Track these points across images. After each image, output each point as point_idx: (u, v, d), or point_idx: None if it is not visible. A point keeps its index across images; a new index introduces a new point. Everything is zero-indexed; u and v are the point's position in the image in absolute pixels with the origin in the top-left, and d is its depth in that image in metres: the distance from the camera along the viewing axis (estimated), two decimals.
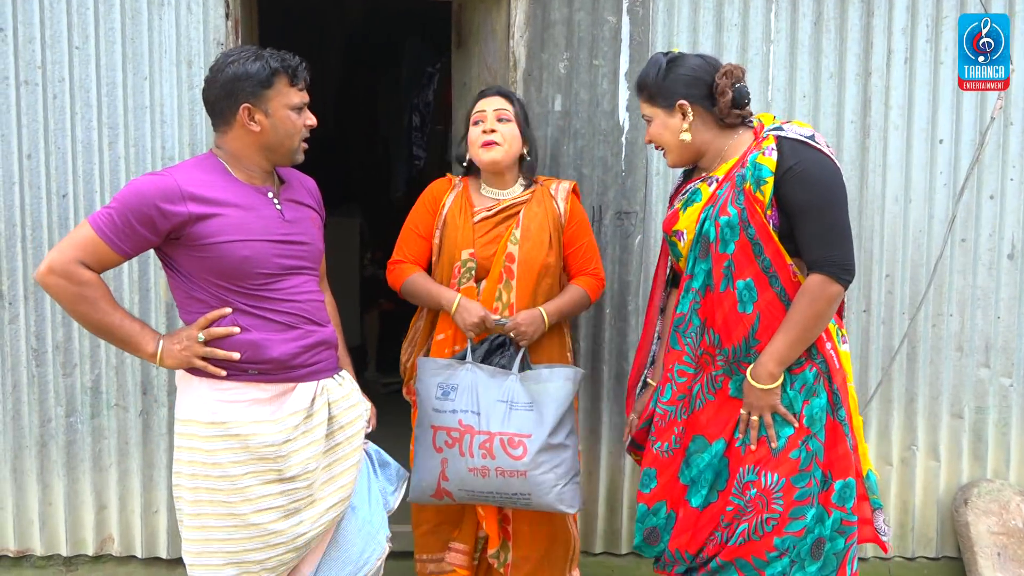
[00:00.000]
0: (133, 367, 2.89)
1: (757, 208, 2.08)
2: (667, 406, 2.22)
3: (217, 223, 1.97)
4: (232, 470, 2.00)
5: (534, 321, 2.47)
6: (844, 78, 3.01)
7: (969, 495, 3.06)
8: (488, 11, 3.08)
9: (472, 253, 2.49)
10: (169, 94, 2.83)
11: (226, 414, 2.01)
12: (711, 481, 2.19)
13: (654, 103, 2.22)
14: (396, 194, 5.40)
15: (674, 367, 2.21)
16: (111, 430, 2.92)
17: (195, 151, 2.83)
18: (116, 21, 2.80)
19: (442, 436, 2.34)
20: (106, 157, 2.83)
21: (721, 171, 2.20)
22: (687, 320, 2.19)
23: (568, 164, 2.97)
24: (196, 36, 2.82)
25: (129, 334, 2.01)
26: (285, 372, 2.05)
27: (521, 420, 2.33)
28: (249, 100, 2.00)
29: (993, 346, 3.11)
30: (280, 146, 2.06)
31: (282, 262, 2.05)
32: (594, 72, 2.95)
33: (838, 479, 2.14)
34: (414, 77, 5.09)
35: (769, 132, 2.14)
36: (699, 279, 2.18)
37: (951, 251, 3.08)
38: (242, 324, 2.01)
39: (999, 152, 3.06)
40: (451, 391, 2.36)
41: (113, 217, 1.95)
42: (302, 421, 2.06)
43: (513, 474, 2.31)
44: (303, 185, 2.23)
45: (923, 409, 3.12)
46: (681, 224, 2.23)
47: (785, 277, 2.11)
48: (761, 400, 2.12)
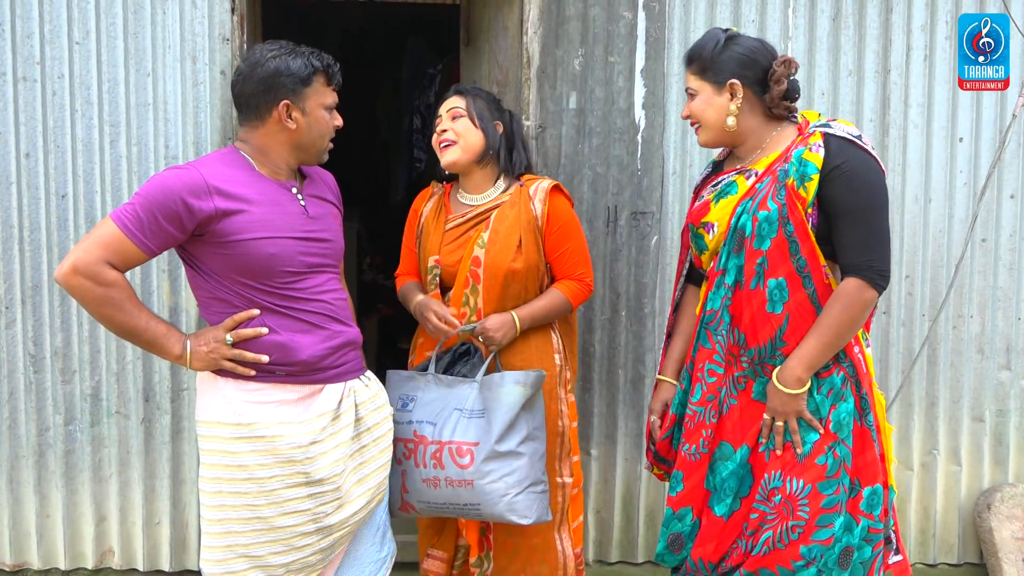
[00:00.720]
0: (135, 373, 2.80)
1: (798, 205, 2.01)
2: (697, 407, 2.14)
3: (243, 219, 1.91)
4: (259, 472, 1.95)
5: (503, 325, 2.35)
6: (863, 76, 2.96)
7: (992, 500, 3.01)
8: (499, 7, 3.01)
9: (437, 260, 2.43)
10: (173, 91, 2.74)
11: (252, 415, 1.95)
12: (735, 489, 2.12)
13: (703, 76, 2.12)
14: (396, 198, 5.31)
15: (704, 366, 2.14)
16: (112, 439, 2.82)
17: (199, 150, 2.75)
18: (118, 16, 2.71)
19: (400, 448, 2.26)
20: (107, 156, 2.74)
21: (761, 164, 2.11)
22: (718, 317, 2.12)
23: (583, 163, 2.91)
24: (201, 31, 2.74)
25: (155, 336, 1.95)
26: (313, 374, 2.00)
27: (470, 428, 2.25)
28: (289, 97, 1.96)
29: (1014, 348, 3.06)
30: (312, 145, 2.03)
31: (307, 259, 1.99)
32: (609, 69, 2.89)
33: (866, 486, 2.07)
34: (415, 78, 5.02)
35: (816, 128, 2.06)
36: (731, 275, 2.10)
37: (971, 251, 3.03)
38: (270, 324, 1.96)
39: (1019, 151, 3.02)
40: (409, 402, 2.30)
41: (138, 213, 1.88)
42: (330, 423, 2.00)
43: (461, 483, 2.22)
44: (324, 180, 2.17)
45: (944, 413, 3.07)
46: (712, 216, 2.15)
47: (818, 279, 2.04)
48: (787, 405, 2.05)
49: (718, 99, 2.11)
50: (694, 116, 2.17)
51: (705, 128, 2.16)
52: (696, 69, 2.14)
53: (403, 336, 5.12)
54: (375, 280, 5.51)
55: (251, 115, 1.99)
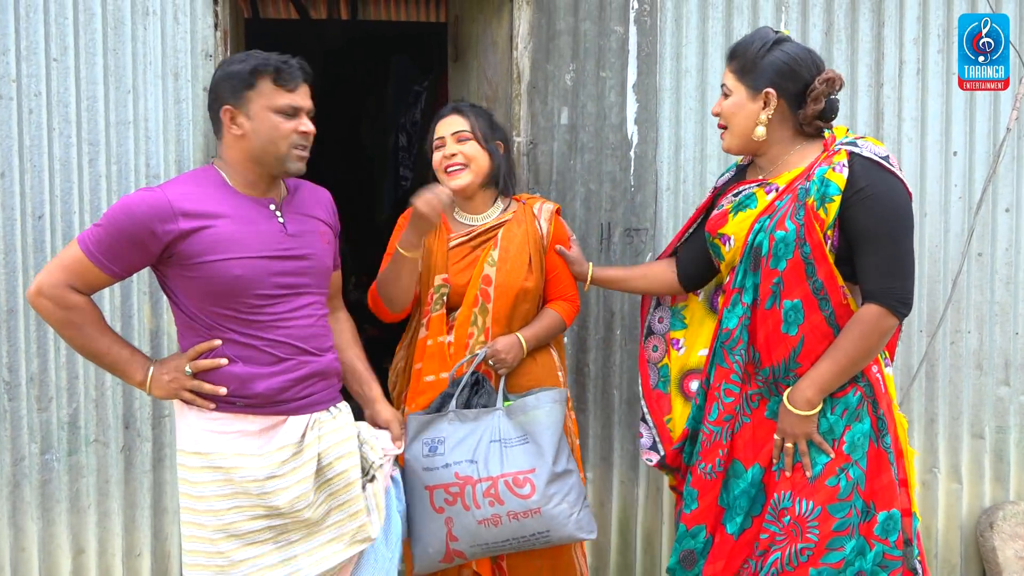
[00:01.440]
0: (114, 400, 2.70)
1: (816, 226, 1.94)
2: (714, 426, 2.09)
3: (207, 238, 1.85)
4: (216, 504, 1.89)
5: (512, 347, 2.32)
6: (856, 89, 2.94)
7: (994, 519, 2.96)
8: (488, 22, 2.96)
9: (445, 278, 2.35)
10: (154, 108, 2.66)
11: (211, 445, 1.90)
12: (746, 508, 2.07)
13: (741, 77, 2.04)
14: (381, 216, 5.24)
15: (721, 385, 2.08)
16: (90, 468, 2.72)
17: (181, 168, 2.67)
18: (97, 32, 2.64)
19: (440, 495, 2.15)
20: (86, 176, 2.66)
21: (782, 180, 2.04)
22: (735, 336, 2.06)
23: (575, 179, 2.85)
24: (183, 47, 2.67)
25: (117, 360, 1.93)
26: (273, 406, 1.92)
27: (519, 456, 2.18)
28: (230, 101, 1.89)
29: (1012, 363, 3.03)
30: (264, 153, 1.91)
31: (281, 280, 1.91)
32: (601, 84, 2.84)
33: (881, 510, 2.01)
34: (400, 96, 4.97)
35: (841, 146, 1.98)
36: (749, 294, 2.04)
37: (968, 266, 2.99)
38: (229, 355, 1.90)
39: (1014, 164, 3.00)
40: (438, 445, 2.19)
41: (101, 237, 1.85)
42: (291, 456, 1.92)
43: (527, 514, 2.15)
44: (314, 197, 2.08)
45: (944, 430, 3.02)
46: (729, 229, 2.09)
47: (836, 301, 1.98)
48: (796, 427, 2.00)
49: (751, 105, 2.04)
50: (724, 117, 2.09)
51: (732, 133, 2.08)
52: (735, 67, 2.06)
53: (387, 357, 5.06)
54: (360, 300, 5.43)
55: (215, 128, 1.96)
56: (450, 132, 2.37)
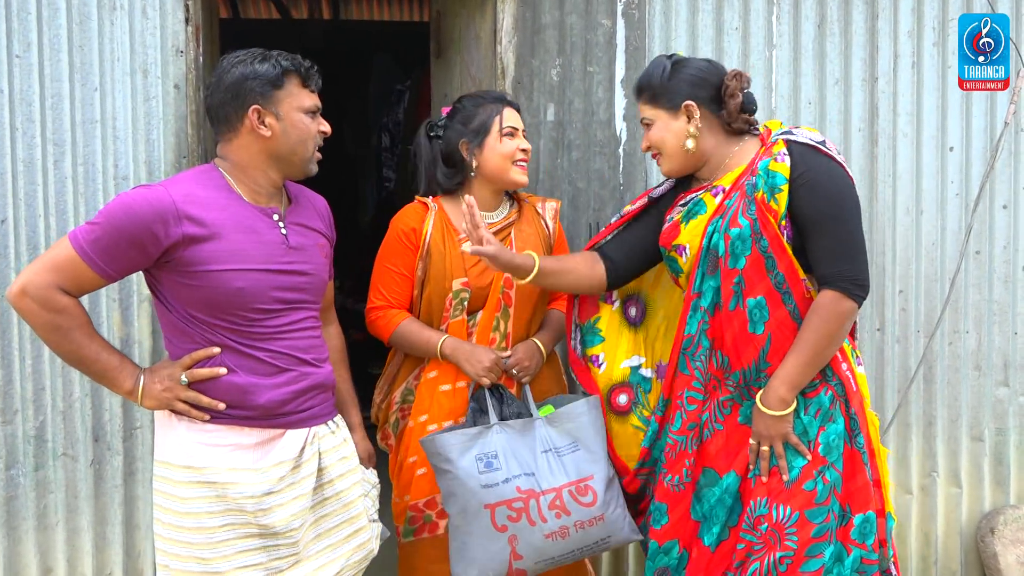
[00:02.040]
0: (83, 412, 2.59)
1: (770, 219, 1.93)
2: (678, 436, 2.04)
3: (212, 247, 1.75)
4: (207, 521, 1.78)
5: (534, 354, 2.27)
6: (850, 84, 2.86)
7: (995, 524, 2.88)
8: (471, 17, 2.87)
9: (465, 283, 2.23)
10: (123, 107, 2.55)
11: (204, 459, 1.79)
12: (723, 518, 2.01)
13: (657, 104, 2.07)
14: (364, 218, 5.14)
15: (683, 393, 2.03)
16: (58, 483, 2.60)
17: (151, 170, 2.56)
18: (62, 27, 2.52)
19: (502, 512, 2.02)
20: (51, 177, 2.54)
21: (727, 180, 2.04)
22: (695, 342, 2.02)
23: (562, 178, 2.76)
24: (152, 43, 2.56)
25: (106, 368, 1.81)
26: (274, 419, 1.83)
27: (575, 464, 2.10)
28: (259, 101, 1.81)
29: (1011, 363, 2.96)
30: (292, 153, 1.86)
31: (280, 295, 1.83)
32: (588, 79, 2.75)
33: (857, 513, 1.96)
34: (382, 96, 4.87)
35: (779, 136, 1.99)
36: (707, 297, 2.01)
37: (966, 264, 2.92)
38: (229, 364, 1.80)
39: (1011, 160, 2.93)
40: (492, 459, 2.06)
41: (99, 236, 1.73)
42: (289, 472, 1.82)
43: (592, 522, 2.06)
44: (313, 206, 2.00)
45: (942, 432, 2.95)
46: (683, 238, 2.06)
47: (799, 294, 1.95)
48: (771, 428, 1.94)
49: (675, 124, 2.06)
50: (654, 146, 2.11)
51: (667, 156, 2.10)
52: (648, 98, 2.09)
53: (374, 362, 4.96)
54: (345, 305, 5.33)
55: (224, 128, 1.85)
56: (521, 127, 2.28)
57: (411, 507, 2.25)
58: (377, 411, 2.38)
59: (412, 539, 2.26)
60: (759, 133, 2.08)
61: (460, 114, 2.28)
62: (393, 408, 2.33)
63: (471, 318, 2.24)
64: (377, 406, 2.37)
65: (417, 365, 2.31)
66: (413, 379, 2.31)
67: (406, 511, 2.25)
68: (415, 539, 2.26)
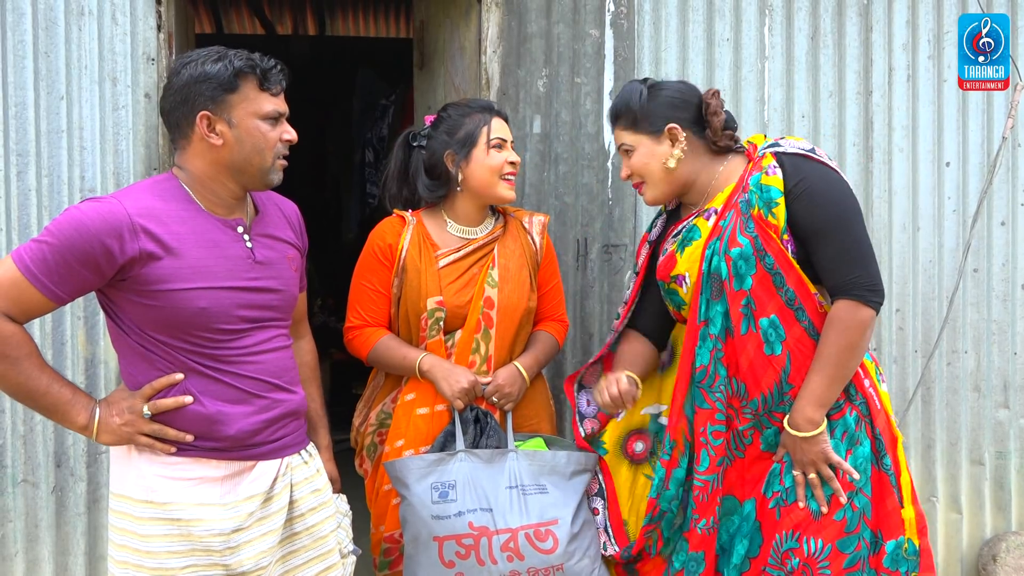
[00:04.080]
0: (44, 436, 2.46)
1: (772, 234, 1.84)
2: (707, 475, 1.90)
3: (171, 264, 1.61)
4: (169, 562, 1.64)
5: (515, 380, 2.13)
6: (844, 97, 2.79)
7: (997, 551, 2.79)
8: (455, 26, 2.78)
9: (440, 301, 2.11)
10: (90, 116, 2.44)
11: (167, 493, 1.65)
12: (744, 552, 1.89)
13: (638, 129, 1.98)
14: (348, 235, 5.04)
15: (707, 429, 1.90)
16: (17, 511, 2.46)
17: (120, 181, 2.45)
18: (27, 33, 2.42)
19: (451, 547, 1.89)
20: (14, 189, 2.42)
21: (718, 201, 1.95)
22: (710, 372, 1.90)
23: (549, 192, 2.66)
24: (122, 50, 2.45)
25: (57, 402, 1.64)
26: (244, 450, 1.68)
27: (539, 505, 1.95)
28: (208, 107, 1.64)
29: (1011, 384, 2.87)
30: (248, 164, 1.68)
31: (246, 314, 1.69)
32: (576, 91, 2.66)
33: (889, 539, 1.87)
34: (366, 111, 4.78)
35: (765, 150, 1.91)
36: (716, 323, 1.90)
37: (964, 283, 2.84)
38: (195, 391, 1.65)
39: (1008, 176, 2.86)
40: (448, 490, 1.93)
41: (46, 254, 1.57)
42: (259, 507, 1.69)
43: (549, 571, 1.92)
44: (282, 213, 1.85)
45: (941, 456, 2.86)
46: (681, 267, 1.97)
47: (811, 309, 1.86)
48: (808, 452, 1.84)
49: (659, 148, 1.97)
50: (636, 173, 2.01)
51: (652, 184, 2.00)
52: (627, 123, 2.00)
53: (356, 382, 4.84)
54: (327, 323, 5.22)
55: (177, 135, 1.70)
56: (509, 138, 2.17)
57: (386, 538, 2.12)
58: (355, 436, 2.26)
59: (388, 572, 2.14)
60: (743, 149, 2.00)
61: (445, 124, 2.17)
62: (369, 430, 2.21)
63: (448, 338, 2.13)
64: (356, 429, 2.26)
65: (396, 387, 2.19)
66: (390, 401, 2.19)
67: (381, 543, 2.13)
68: (390, 572, 2.13)
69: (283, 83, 1.72)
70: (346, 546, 1.89)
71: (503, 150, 2.14)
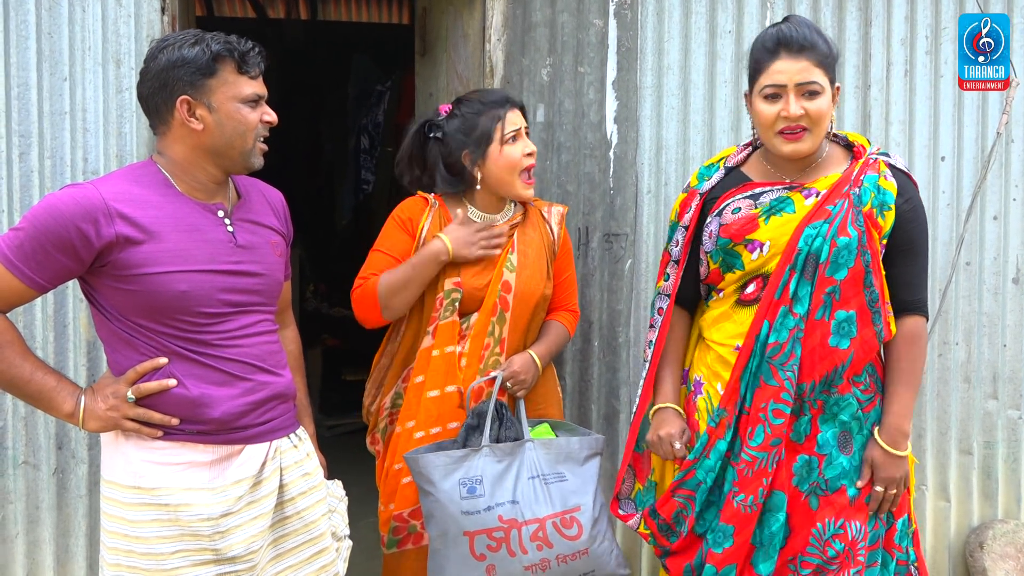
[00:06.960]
0: (46, 418, 2.45)
1: (875, 234, 1.90)
2: (758, 452, 1.90)
3: (150, 249, 1.62)
4: (159, 547, 1.65)
5: (529, 367, 2.16)
6: (843, 91, 2.81)
7: (984, 538, 2.84)
8: (459, 14, 2.79)
9: (458, 282, 2.13)
10: (93, 98, 2.43)
11: (154, 479, 1.66)
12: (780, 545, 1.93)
13: (827, 71, 1.89)
14: (341, 223, 5.03)
15: (769, 405, 1.90)
16: (18, 493, 2.46)
17: (123, 164, 2.44)
18: (30, 13, 2.40)
19: (482, 541, 1.92)
20: (16, 170, 2.41)
21: (822, 184, 1.93)
22: (787, 350, 1.90)
23: (551, 181, 2.68)
24: (126, 32, 2.44)
25: (41, 389, 1.65)
26: (230, 433, 1.69)
27: (561, 493, 2.01)
28: (188, 91, 1.65)
29: (1000, 376, 2.93)
30: (230, 148, 1.69)
31: (228, 298, 1.69)
32: (579, 80, 2.68)
33: (899, 517, 1.97)
34: (362, 97, 4.77)
35: (878, 156, 1.95)
36: (803, 303, 1.90)
37: (956, 276, 2.89)
38: (179, 375, 1.66)
39: (1002, 171, 2.90)
40: (476, 485, 1.96)
41: (23, 242, 1.58)
42: (248, 491, 1.70)
43: (575, 556, 1.97)
44: (266, 200, 1.86)
45: (931, 446, 2.91)
46: (762, 234, 1.93)
47: (885, 315, 1.92)
48: (900, 469, 1.91)
49: (831, 104, 1.91)
50: (811, 119, 1.89)
51: (816, 134, 1.91)
52: (817, 60, 1.88)
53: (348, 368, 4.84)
54: (319, 309, 5.21)
55: (156, 120, 1.70)
56: (524, 125, 2.19)
57: (395, 516, 2.15)
58: (367, 414, 2.29)
59: (396, 550, 2.16)
60: (838, 142, 2.01)
61: (460, 121, 2.17)
62: (383, 414, 2.24)
63: (464, 320, 2.15)
64: (367, 409, 2.28)
65: (404, 367, 2.22)
66: (401, 382, 2.22)
67: (390, 520, 2.16)
68: (399, 550, 2.16)
69: (261, 66, 1.72)
70: (341, 530, 1.91)
71: (518, 140, 2.15)
